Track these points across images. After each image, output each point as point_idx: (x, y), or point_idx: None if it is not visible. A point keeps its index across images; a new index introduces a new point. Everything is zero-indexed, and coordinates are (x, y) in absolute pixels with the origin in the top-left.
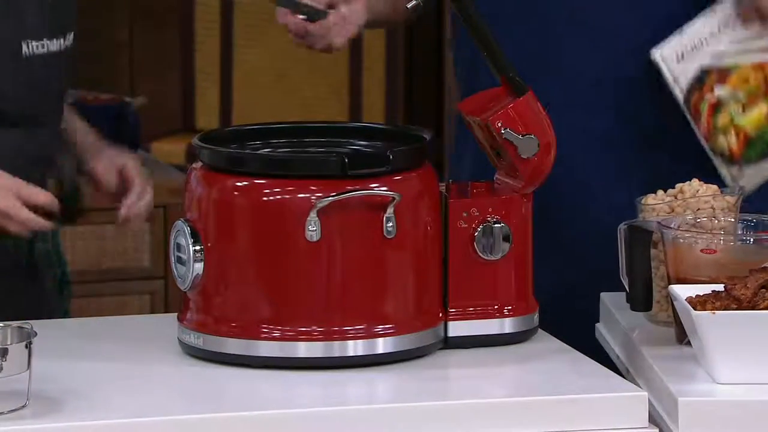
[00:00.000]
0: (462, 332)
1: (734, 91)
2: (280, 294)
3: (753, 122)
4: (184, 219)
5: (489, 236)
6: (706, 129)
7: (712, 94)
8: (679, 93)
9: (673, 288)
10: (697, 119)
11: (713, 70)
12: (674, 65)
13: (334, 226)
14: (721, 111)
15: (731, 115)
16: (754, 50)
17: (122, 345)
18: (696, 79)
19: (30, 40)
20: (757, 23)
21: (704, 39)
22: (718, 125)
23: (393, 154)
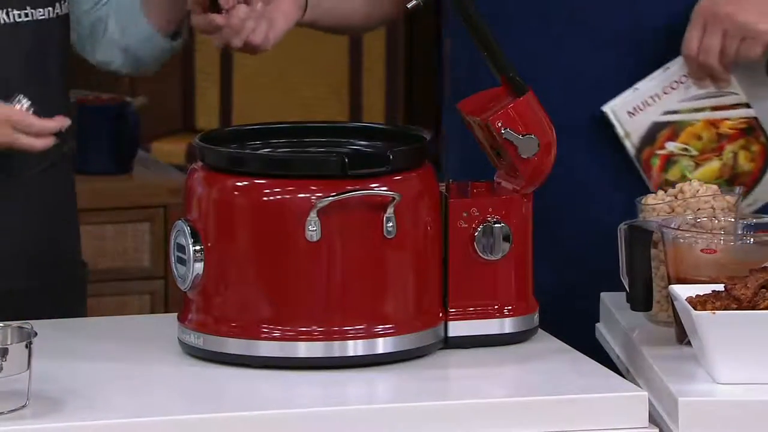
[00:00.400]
0: (462, 332)
1: (686, 147)
2: (280, 294)
3: (706, 177)
4: (184, 219)
5: (489, 236)
6: (656, 183)
7: (664, 149)
8: (631, 147)
9: (673, 288)
10: (648, 173)
11: (665, 126)
12: (626, 120)
13: (334, 226)
14: (672, 166)
15: (683, 170)
16: (706, 108)
17: (122, 345)
18: (647, 134)
19: (10, 9)
20: (709, 82)
21: (656, 95)
22: (670, 180)
23: (393, 154)
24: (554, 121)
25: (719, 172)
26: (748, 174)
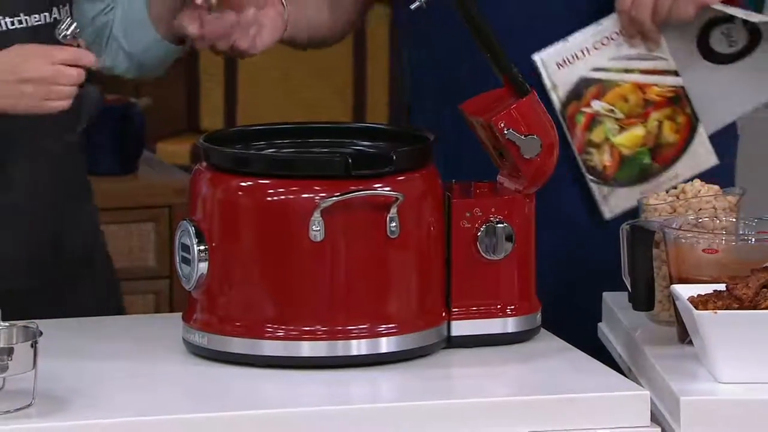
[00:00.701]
0: (465, 331)
1: (612, 108)
2: (284, 294)
3: (629, 143)
4: (188, 219)
5: (492, 236)
6: (580, 142)
7: (590, 107)
8: (557, 101)
9: (675, 288)
10: (572, 131)
11: (593, 83)
12: (554, 71)
13: (337, 226)
14: (597, 126)
15: (607, 132)
16: (635, 70)
17: (127, 344)
18: (574, 89)
19: (1, 17)
20: (641, 42)
21: (587, 50)
22: (593, 140)
23: (396, 155)
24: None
25: (643, 139)
26: (672, 146)
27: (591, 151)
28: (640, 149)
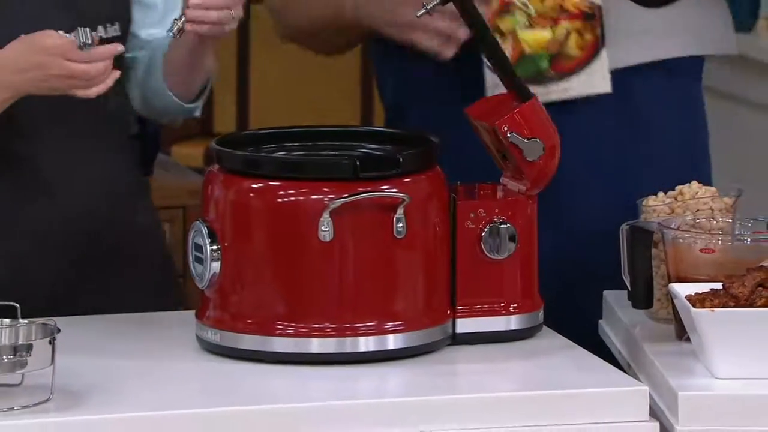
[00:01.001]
0: (469, 329)
1: (527, 2)
2: (294, 292)
3: (533, 42)
4: (201, 219)
5: (495, 236)
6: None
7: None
8: None
9: (673, 286)
10: (487, 11)
11: None
12: None
13: (346, 226)
14: (506, 15)
15: (515, 24)
16: None
17: (142, 341)
18: None
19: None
20: None
21: None
22: (500, 28)
23: (403, 157)
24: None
25: (547, 44)
26: (572, 59)
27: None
28: (541, 52)
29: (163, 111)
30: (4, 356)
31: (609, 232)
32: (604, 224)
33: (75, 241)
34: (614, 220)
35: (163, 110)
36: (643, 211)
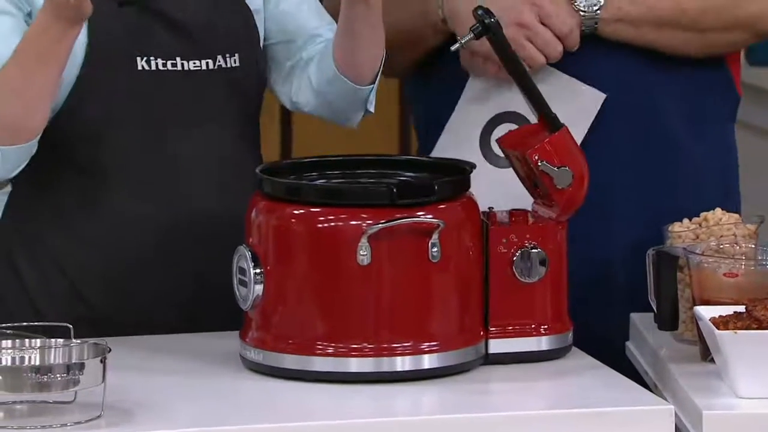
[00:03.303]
0: (502, 349)
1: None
2: (333, 313)
3: None
4: (245, 244)
5: (527, 260)
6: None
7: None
8: None
9: (697, 309)
10: None
11: None
12: None
13: (383, 250)
14: None
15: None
16: None
17: (189, 360)
18: None
19: (152, 57)
20: None
21: None
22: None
23: (438, 185)
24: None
25: None
26: None
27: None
28: None
29: (340, 103)
30: (58, 375)
31: (635, 256)
32: (631, 249)
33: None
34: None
35: (339, 102)
36: (668, 236)
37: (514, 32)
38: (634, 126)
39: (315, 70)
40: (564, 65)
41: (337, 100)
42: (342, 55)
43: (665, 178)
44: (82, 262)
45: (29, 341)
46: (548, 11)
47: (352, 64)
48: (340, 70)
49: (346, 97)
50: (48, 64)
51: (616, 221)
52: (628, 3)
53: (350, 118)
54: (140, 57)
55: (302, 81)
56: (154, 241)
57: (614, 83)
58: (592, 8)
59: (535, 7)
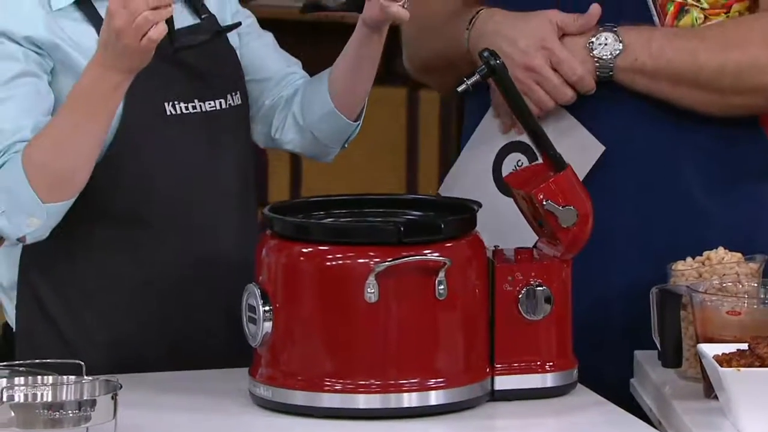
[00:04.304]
0: (507, 386)
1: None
2: (341, 350)
3: None
4: (255, 282)
5: (532, 298)
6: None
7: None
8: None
9: (701, 347)
10: (662, 18)
11: None
12: None
13: (390, 288)
14: (684, 15)
15: (693, 20)
16: None
17: (199, 397)
18: None
19: (176, 101)
20: None
21: None
22: (681, 27)
23: (444, 223)
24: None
25: None
26: None
27: None
28: None
29: (327, 139)
30: (70, 411)
31: (639, 295)
32: (635, 287)
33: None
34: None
35: (326, 138)
36: (672, 275)
37: (523, 76)
38: (642, 173)
39: (301, 108)
40: (578, 107)
41: (324, 137)
42: (343, 89)
43: (670, 222)
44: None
45: (41, 378)
46: (559, 57)
47: (350, 98)
48: (336, 105)
49: (335, 134)
50: (98, 118)
51: (619, 259)
52: (646, 54)
53: (330, 153)
54: (167, 102)
55: (286, 119)
56: (179, 278)
57: (627, 130)
58: (609, 56)
59: (547, 52)
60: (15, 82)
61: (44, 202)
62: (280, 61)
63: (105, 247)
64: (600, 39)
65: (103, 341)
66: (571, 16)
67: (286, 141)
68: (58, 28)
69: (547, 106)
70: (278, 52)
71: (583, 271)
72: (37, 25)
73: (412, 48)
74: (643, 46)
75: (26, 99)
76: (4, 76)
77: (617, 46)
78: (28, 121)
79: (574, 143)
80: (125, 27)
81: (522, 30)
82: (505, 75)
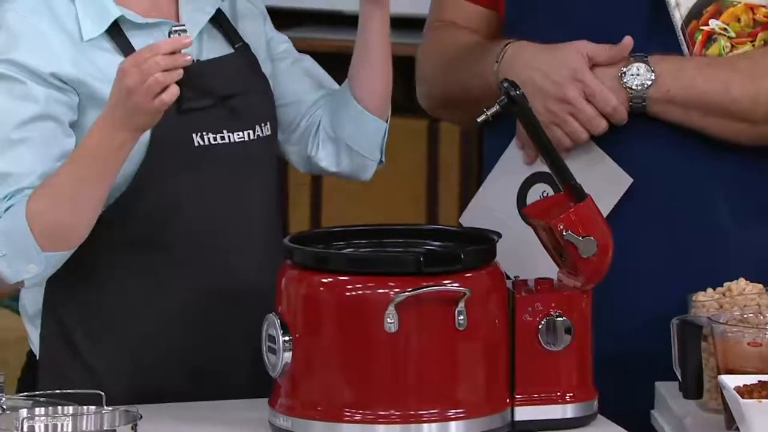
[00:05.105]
0: (527, 417)
1: (726, 26)
2: (361, 380)
3: None
4: (275, 312)
5: (552, 329)
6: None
7: (708, 25)
8: (679, 18)
9: (722, 378)
10: (690, 47)
11: (711, 2)
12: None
13: (410, 318)
14: (712, 44)
15: (720, 49)
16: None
17: (219, 427)
18: (695, 8)
19: (204, 132)
20: None
21: None
22: (708, 56)
23: (464, 254)
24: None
25: None
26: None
27: None
28: None
29: (358, 144)
30: None
31: (660, 325)
32: (656, 317)
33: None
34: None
35: (357, 143)
36: (693, 306)
37: (558, 108)
38: (669, 203)
39: (330, 120)
40: (603, 138)
41: (357, 144)
42: (361, 81)
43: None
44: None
45: (62, 408)
46: (592, 89)
47: (371, 92)
48: (359, 99)
49: (367, 138)
50: (101, 176)
51: (641, 290)
52: (677, 85)
53: (367, 167)
54: (196, 133)
55: (318, 135)
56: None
57: (655, 161)
58: (641, 86)
59: (580, 84)
60: (31, 125)
61: (43, 251)
62: (315, 83)
63: (129, 276)
64: (632, 69)
65: (126, 370)
66: (602, 47)
67: (322, 158)
68: (87, 62)
69: (581, 138)
70: (313, 76)
71: (604, 302)
72: (64, 62)
73: (431, 84)
74: (675, 76)
75: (41, 144)
76: (21, 117)
77: (649, 76)
78: (39, 168)
79: (601, 175)
80: (137, 86)
81: (553, 62)
82: (526, 106)
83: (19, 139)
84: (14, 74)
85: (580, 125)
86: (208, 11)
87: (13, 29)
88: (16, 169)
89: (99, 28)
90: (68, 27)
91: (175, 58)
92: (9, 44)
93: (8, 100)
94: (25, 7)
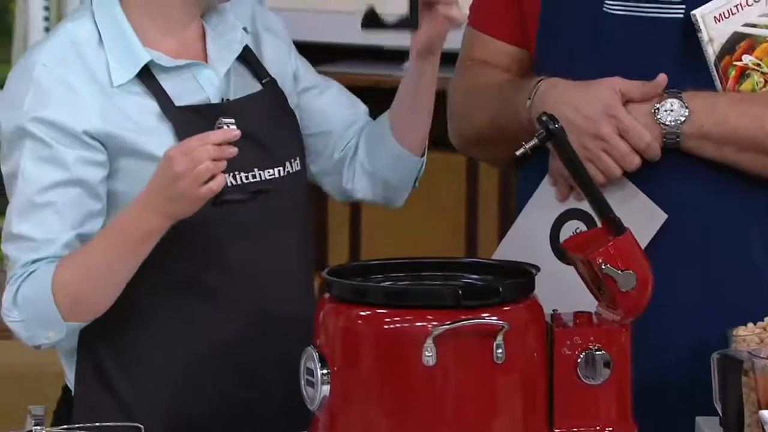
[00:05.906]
0: None
1: (759, 62)
2: (399, 413)
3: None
4: (313, 345)
5: (591, 363)
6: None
7: (741, 61)
8: (712, 54)
9: (763, 413)
10: (723, 82)
11: (744, 37)
12: (711, 26)
13: (448, 351)
14: (745, 80)
15: (754, 85)
16: None
17: None
18: (728, 43)
19: (237, 172)
20: None
21: (740, 4)
22: (742, 92)
23: (503, 287)
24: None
25: None
26: None
27: None
28: None
29: (395, 179)
30: None
31: (701, 359)
32: (696, 352)
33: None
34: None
35: (394, 179)
36: (733, 340)
37: (592, 144)
38: (705, 239)
39: (367, 155)
40: (642, 175)
41: (395, 179)
42: (405, 126)
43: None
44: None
45: None
46: (626, 125)
47: (413, 134)
48: (400, 141)
49: (405, 173)
50: (130, 257)
51: (680, 324)
52: (711, 121)
53: (401, 197)
54: (228, 174)
55: (355, 168)
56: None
57: (689, 196)
58: (674, 122)
59: (614, 120)
60: (56, 190)
61: (65, 320)
62: (344, 111)
63: (164, 314)
64: (665, 105)
65: (162, 407)
66: (635, 84)
67: (357, 190)
68: (115, 111)
69: (614, 175)
70: (341, 103)
71: (644, 336)
72: (93, 116)
73: (463, 121)
74: (708, 112)
75: (65, 210)
76: (46, 181)
77: (683, 112)
78: (64, 236)
79: (636, 211)
80: (185, 173)
81: (586, 98)
82: (564, 139)
83: (43, 203)
84: (43, 135)
85: (613, 161)
86: (236, 49)
87: (43, 85)
88: (40, 235)
89: (129, 73)
90: (98, 75)
91: (223, 149)
92: (38, 101)
93: (35, 163)
94: (53, 58)
